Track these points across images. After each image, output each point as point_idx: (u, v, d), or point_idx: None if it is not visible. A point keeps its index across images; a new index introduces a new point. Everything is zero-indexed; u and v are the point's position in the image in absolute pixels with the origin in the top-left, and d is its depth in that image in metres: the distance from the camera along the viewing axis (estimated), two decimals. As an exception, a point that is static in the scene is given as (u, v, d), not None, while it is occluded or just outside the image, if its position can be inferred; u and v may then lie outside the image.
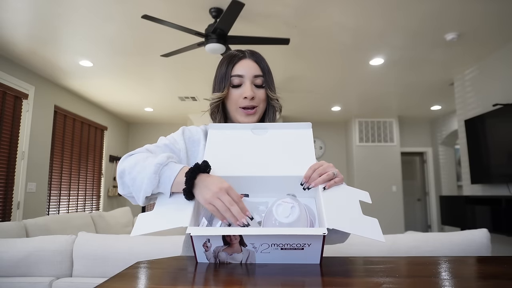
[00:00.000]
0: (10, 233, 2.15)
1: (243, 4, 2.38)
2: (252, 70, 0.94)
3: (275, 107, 0.99)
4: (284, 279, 0.57)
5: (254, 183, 0.78)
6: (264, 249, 0.63)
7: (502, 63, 3.64)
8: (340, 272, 0.63)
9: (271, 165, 0.79)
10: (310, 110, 6.19)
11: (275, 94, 0.97)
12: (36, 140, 4.25)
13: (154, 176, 0.72)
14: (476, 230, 1.61)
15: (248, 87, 0.92)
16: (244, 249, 0.64)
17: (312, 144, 0.85)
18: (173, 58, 3.45)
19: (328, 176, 0.74)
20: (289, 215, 0.69)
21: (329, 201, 0.70)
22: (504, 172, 3.55)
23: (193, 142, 0.94)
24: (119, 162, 0.81)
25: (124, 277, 0.58)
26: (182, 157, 0.90)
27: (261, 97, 0.95)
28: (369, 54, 3.78)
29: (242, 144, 0.84)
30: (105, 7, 2.79)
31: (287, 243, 0.62)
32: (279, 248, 0.63)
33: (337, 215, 0.66)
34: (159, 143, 0.90)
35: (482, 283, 0.59)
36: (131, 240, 1.67)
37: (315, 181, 0.74)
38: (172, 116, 6.59)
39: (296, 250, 0.63)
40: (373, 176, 6.49)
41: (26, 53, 3.67)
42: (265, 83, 0.95)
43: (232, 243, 0.63)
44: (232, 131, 0.87)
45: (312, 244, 0.62)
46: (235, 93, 0.93)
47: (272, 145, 0.84)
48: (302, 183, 0.76)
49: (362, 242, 1.55)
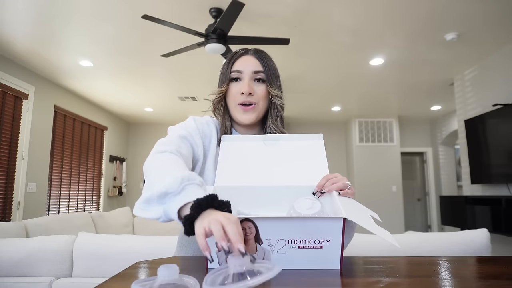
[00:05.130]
0: (10, 233, 2.15)
1: (243, 4, 2.38)
2: (252, 66, 0.92)
3: (276, 104, 0.94)
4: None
5: (268, 194, 0.77)
6: (281, 247, 0.60)
7: (502, 63, 3.64)
8: (340, 272, 0.63)
9: (284, 176, 0.79)
10: (310, 110, 6.19)
11: (276, 91, 0.93)
12: (36, 140, 4.25)
13: None
14: (476, 230, 1.61)
15: (246, 82, 0.90)
16: (259, 247, 0.60)
17: (324, 155, 0.84)
18: (173, 58, 3.45)
19: (344, 186, 0.73)
20: (310, 208, 0.68)
21: (345, 203, 0.69)
22: (504, 172, 3.55)
23: (206, 137, 0.92)
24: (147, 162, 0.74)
25: (124, 277, 0.58)
26: (199, 154, 0.88)
27: (261, 94, 0.91)
28: (369, 54, 3.78)
29: (254, 155, 0.84)
30: (105, 7, 2.79)
31: (305, 239, 0.59)
32: (296, 246, 0.60)
33: (353, 212, 0.65)
34: (180, 133, 0.85)
35: (482, 283, 0.59)
36: (131, 240, 1.67)
37: (329, 187, 0.74)
38: (172, 116, 6.59)
39: (315, 249, 0.60)
40: (373, 176, 6.49)
41: (26, 53, 3.67)
42: (266, 79, 0.92)
43: (247, 239, 0.59)
44: (244, 142, 0.87)
45: (332, 240, 0.59)
46: (234, 89, 0.92)
47: (284, 157, 0.84)
48: (315, 192, 0.75)
49: (362, 242, 1.55)
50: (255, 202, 0.77)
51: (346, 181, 0.74)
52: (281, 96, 0.94)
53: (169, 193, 0.60)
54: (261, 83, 0.92)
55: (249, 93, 0.89)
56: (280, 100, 0.94)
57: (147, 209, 0.63)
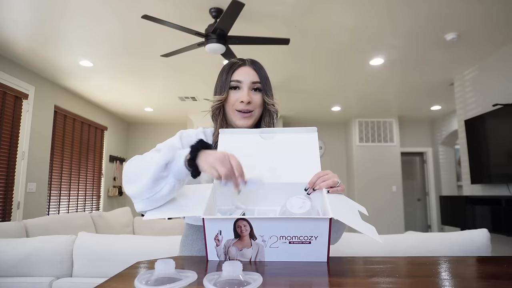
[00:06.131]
0: (10, 233, 2.15)
1: (243, 4, 2.38)
2: (251, 77, 1.00)
3: (271, 111, 1.04)
4: (292, 279, 0.57)
5: (263, 190, 0.82)
6: (273, 242, 0.66)
7: (502, 63, 3.64)
8: (340, 272, 0.63)
9: (277, 172, 0.85)
10: (310, 110, 6.19)
11: (271, 99, 1.03)
12: (36, 140, 4.25)
13: (166, 156, 0.75)
14: (476, 230, 1.61)
15: (245, 92, 0.98)
16: (253, 243, 0.66)
17: (317, 150, 0.89)
18: (173, 58, 3.45)
19: (333, 183, 0.79)
20: (301, 207, 0.73)
21: (333, 201, 0.73)
22: (504, 172, 3.55)
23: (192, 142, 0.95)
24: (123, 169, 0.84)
25: (124, 277, 0.58)
26: None
27: (258, 102, 1.00)
28: (369, 54, 3.78)
29: (251, 150, 0.89)
30: (105, 7, 2.79)
31: (295, 235, 0.65)
32: (287, 242, 0.66)
33: (340, 211, 0.69)
34: (158, 148, 0.91)
35: (482, 283, 0.59)
36: (131, 240, 1.67)
37: (319, 184, 0.79)
38: (172, 116, 6.59)
39: (304, 244, 0.66)
40: (373, 176, 6.49)
41: (26, 53, 3.67)
42: (263, 89, 1.01)
43: (243, 235, 0.66)
44: (242, 135, 0.93)
45: (319, 236, 0.65)
46: (233, 96, 0.99)
47: (279, 151, 0.89)
48: (306, 189, 0.81)
49: (362, 242, 1.55)
50: (252, 198, 0.83)
51: (336, 178, 0.80)
52: (274, 104, 1.04)
53: (167, 162, 0.74)
54: (258, 92, 1.01)
55: (248, 102, 0.98)
56: (274, 108, 1.04)
57: (158, 190, 0.73)
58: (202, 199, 0.75)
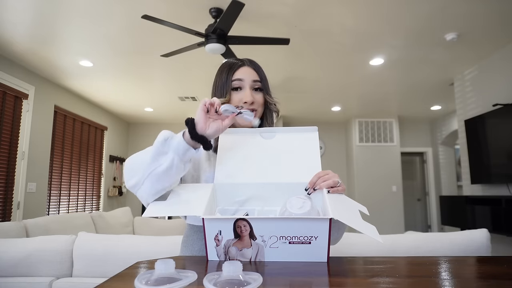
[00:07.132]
0: (10, 233, 2.15)
1: (243, 4, 2.38)
2: (251, 75, 1.01)
3: (272, 111, 1.05)
4: (292, 279, 0.57)
5: (264, 190, 0.83)
6: (273, 242, 0.66)
7: (502, 63, 3.64)
8: (340, 272, 0.63)
9: (278, 172, 0.84)
10: (310, 110, 6.19)
11: (272, 98, 1.04)
12: (36, 140, 4.25)
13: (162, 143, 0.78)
14: (476, 230, 1.61)
15: (248, 92, 0.98)
16: (253, 243, 0.66)
17: (317, 149, 0.89)
18: (173, 58, 3.45)
19: (334, 183, 0.79)
20: (301, 207, 0.73)
21: (334, 201, 0.73)
22: (504, 172, 3.55)
23: None
24: None
25: (124, 277, 0.58)
26: None
27: (260, 101, 1.01)
28: (369, 54, 3.78)
29: (251, 149, 0.89)
30: (105, 7, 2.79)
31: (295, 235, 0.65)
32: (287, 242, 0.66)
33: (340, 211, 0.69)
34: None
35: (482, 283, 0.59)
36: (131, 240, 1.67)
37: (320, 184, 0.79)
38: (172, 116, 6.59)
39: (304, 244, 0.66)
40: (373, 176, 6.49)
41: (26, 53, 3.67)
42: (263, 88, 1.02)
43: (242, 235, 0.66)
44: (242, 135, 0.92)
45: (319, 237, 0.65)
46: (236, 97, 0.99)
47: (280, 151, 0.89)
48: (307, 189, 0.81)
49: (362, 242, 1.55)
50: (253, 198, 0.83)
51: (336, 178, 0.80)
52: (276, 103, 1.05)
53: (166, 138, 0.78)
54: (259, 91, 1.01)
55: (252, 102, 0.98)
56: (275, 107, 1.05)
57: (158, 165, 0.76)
58: (202, 199, 0.75)
